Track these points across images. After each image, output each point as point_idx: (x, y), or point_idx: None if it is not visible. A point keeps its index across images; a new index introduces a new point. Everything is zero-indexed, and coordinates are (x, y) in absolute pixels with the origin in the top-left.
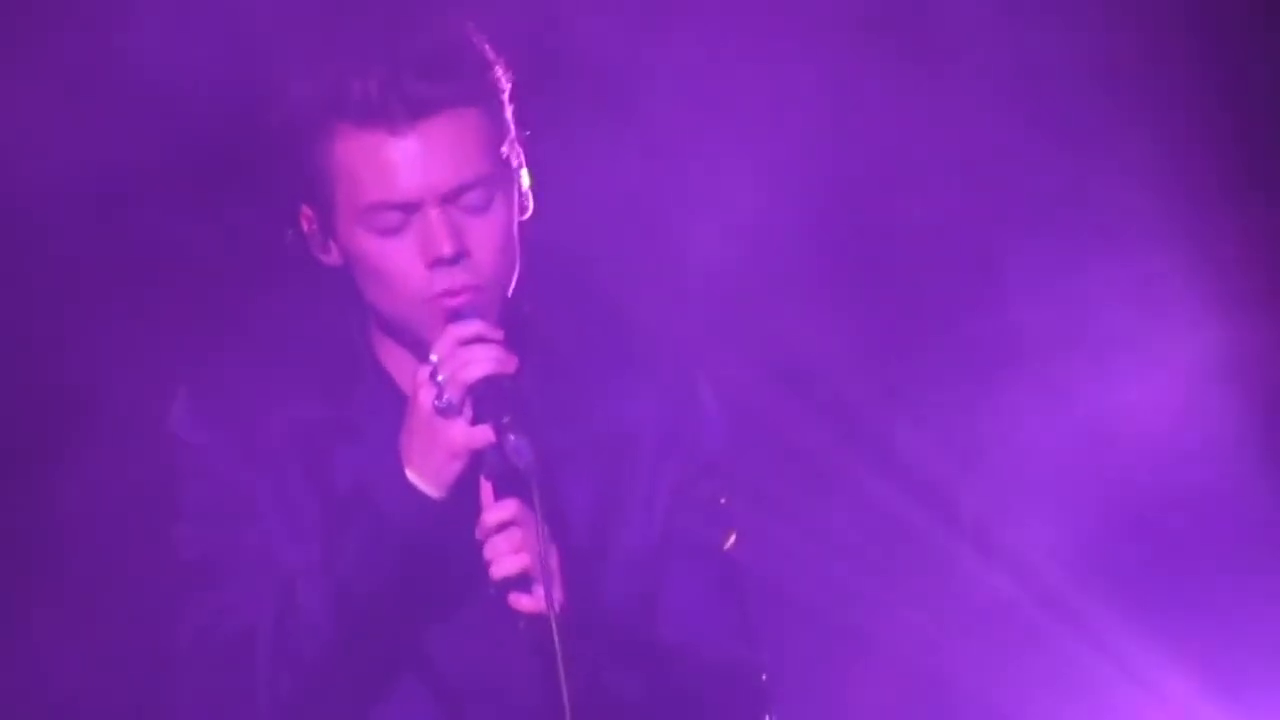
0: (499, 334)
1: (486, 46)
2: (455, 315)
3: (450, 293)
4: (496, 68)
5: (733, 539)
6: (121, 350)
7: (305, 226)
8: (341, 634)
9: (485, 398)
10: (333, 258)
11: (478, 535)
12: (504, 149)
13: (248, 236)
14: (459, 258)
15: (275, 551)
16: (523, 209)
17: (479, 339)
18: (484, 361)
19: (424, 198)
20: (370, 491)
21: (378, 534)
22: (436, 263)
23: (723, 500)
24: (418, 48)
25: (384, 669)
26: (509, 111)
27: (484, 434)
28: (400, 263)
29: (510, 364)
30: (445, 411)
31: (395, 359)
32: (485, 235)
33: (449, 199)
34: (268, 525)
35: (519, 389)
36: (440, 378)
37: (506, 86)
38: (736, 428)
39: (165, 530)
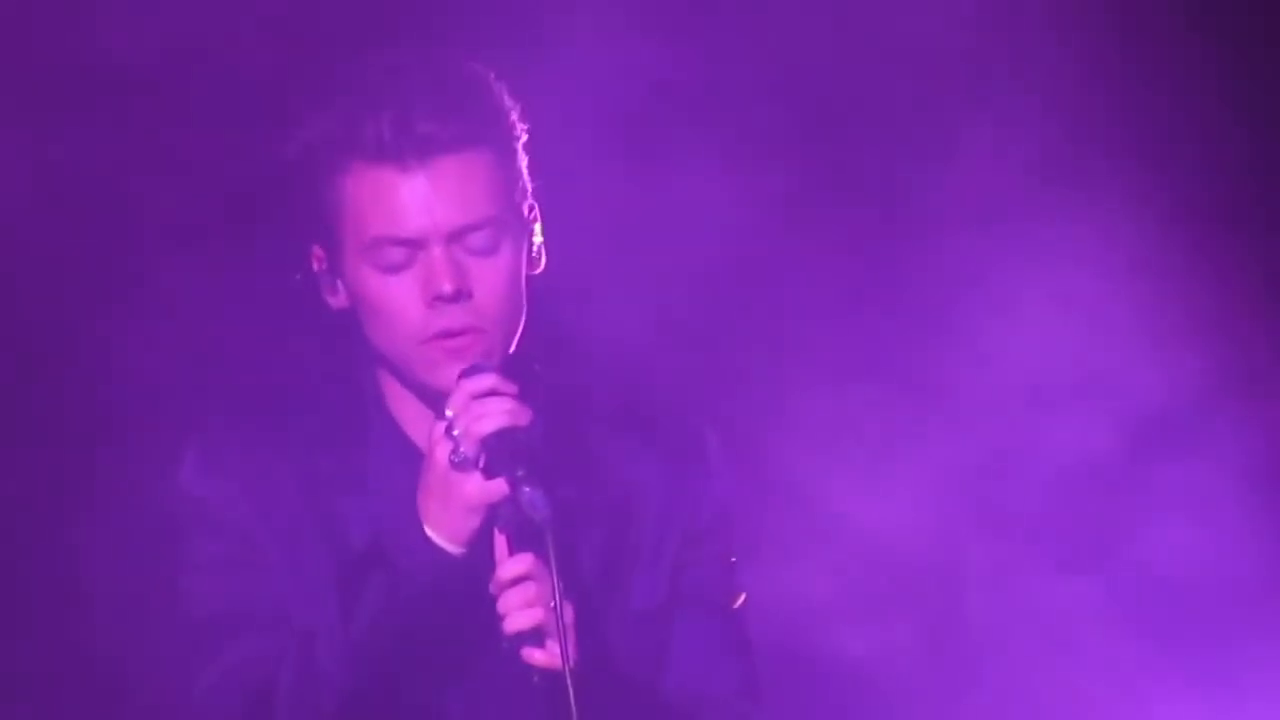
0: (513, 388)
1: (503, 92)
2: (469, 370)
3: (449, 333)
4: (511, 114)
5: (741, 599)
6: (132, 402)
7: (315, 266)
8: (359, 688)
9: (499, 451)
10: (340, 300)
11: (491, 590)
12: (515, 195)
13: (258, 286)
14: (459, 297)
15: (290, 604)
16: (532, 263)
17: (493, 392)
18: (498, 415)
19: (429, 235)
20: (387, 547)
21: (395, 590)
22: (436, 300)
23: (732, 559)
24: (431, 88)
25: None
26: (522, 159)
27: (499, 488)
28: (401, 299)
29: (524, 417)
30: (461, 466)
31: (403, 406)
32: (489, 277)
33: (454, 238)
34: (281, 577)
35: (533, 442)
36: (456, 432)
37: (521, 134)
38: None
39: (175, 585)
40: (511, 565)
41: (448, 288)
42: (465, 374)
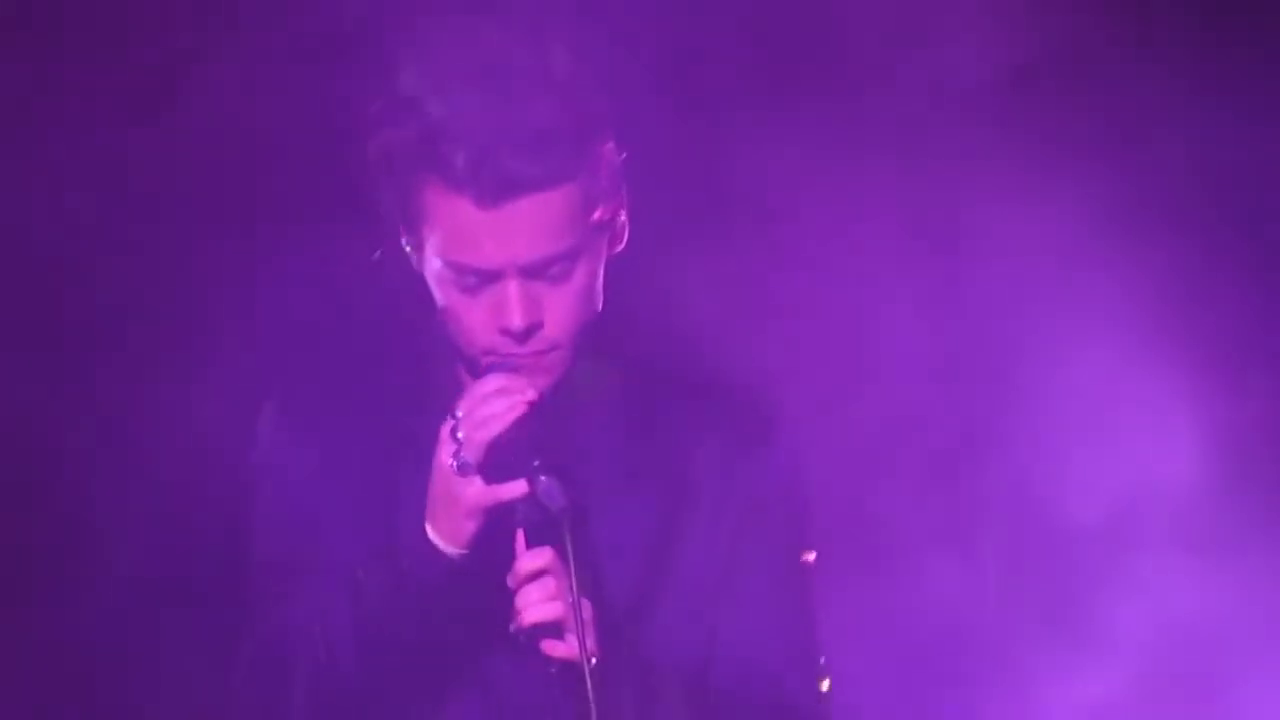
0: (521, 383)
1: (602, 118)
2: (485, 369)
3: (516, 356)
4: (607, 143)
5: (811, 556)
6: (213, 366)
7: (401, 240)
8: (368, 673)
9: (510, 449)
10: (420, 265)
11: (510, 584)
12: (599, 213)
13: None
14: (531, 330)
15: (336, 572)
16: (614, 245)
17: (500, 392)
18: (501, 417)
19: (505, 270)
20: (395, 544)
21: (395, 587)
22: (505, 331)
23: (797, 529)
24: (519, 120)
25: (412, 711)
26: (610, 175)
27: (495, 493)
28: (473, 320)
29: (527, 401)
30: (462, 469)
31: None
32: (562, 303)
33: (530, 273)
34: (339, 539)
35: (548, 430)
36: (460, 434)
37: (613, 160)
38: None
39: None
40: (529, 559)
41: (518, 323)
42: (484, 370)
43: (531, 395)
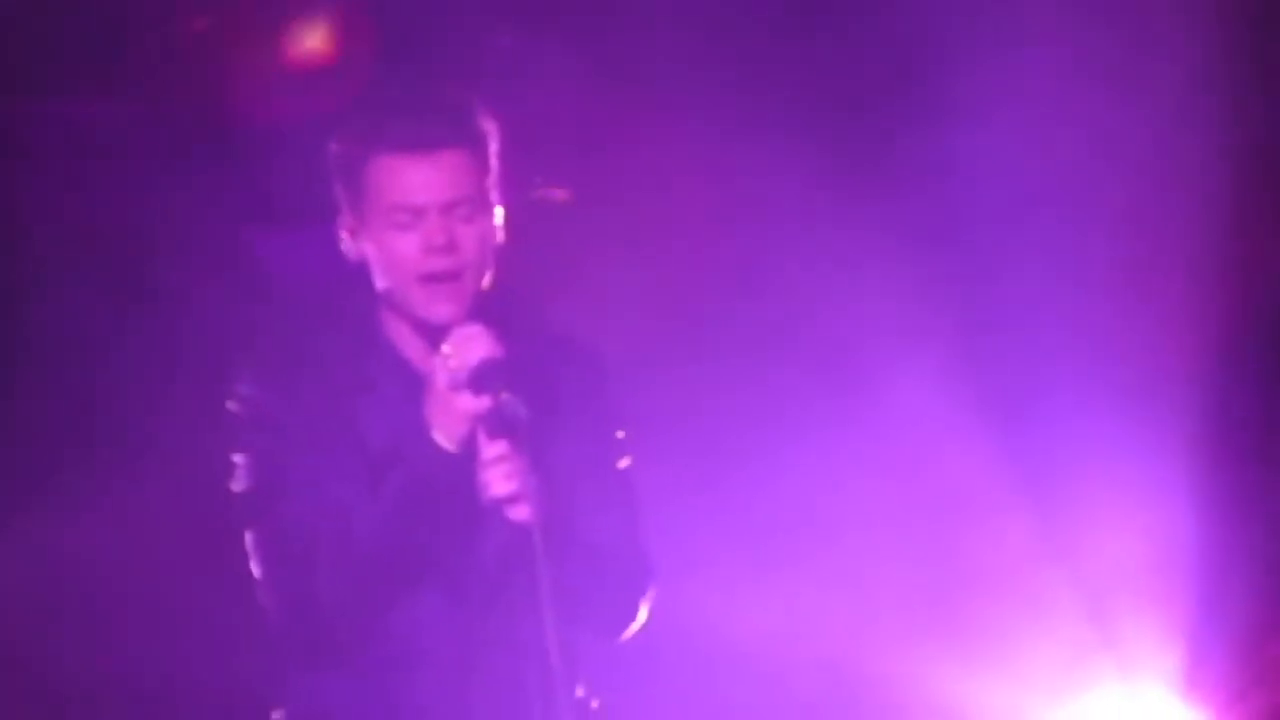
0: (491, 331)
1: (483, 110)
2: (454, 313)
3: (438, 276)
4: (489, 126)
5: (627, 462)
6: (197, 333)
7: (341, 231)
8: (385, 548)
9: (484, 374)
10: (359, 254)
11: (478, 468)
12: (487, 183)
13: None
14: (448, 248)
15: (319, 480)
16: (496, 233)
17: (478, 336)
18: (481, 350)
19: (429, 206)
20: (403, 447)
21: (412, 479)
22: (431, 249)
23: (620, 435)
24: (435, 103)
25: (413, 569)
26: (493, 158)
27: (483, 402)
28: (408, 250)
29: (499, 350)
30: (456, 387)
31: (399, 332)
32: (468, 239)
33: (446, 209)
34: (313, 460)
35: (509, 366)
36: (452, 363)
37: (494, 140)
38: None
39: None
40: (493, 449)
41: (441, 240)
42: (460, 324)
43: (492, 338)
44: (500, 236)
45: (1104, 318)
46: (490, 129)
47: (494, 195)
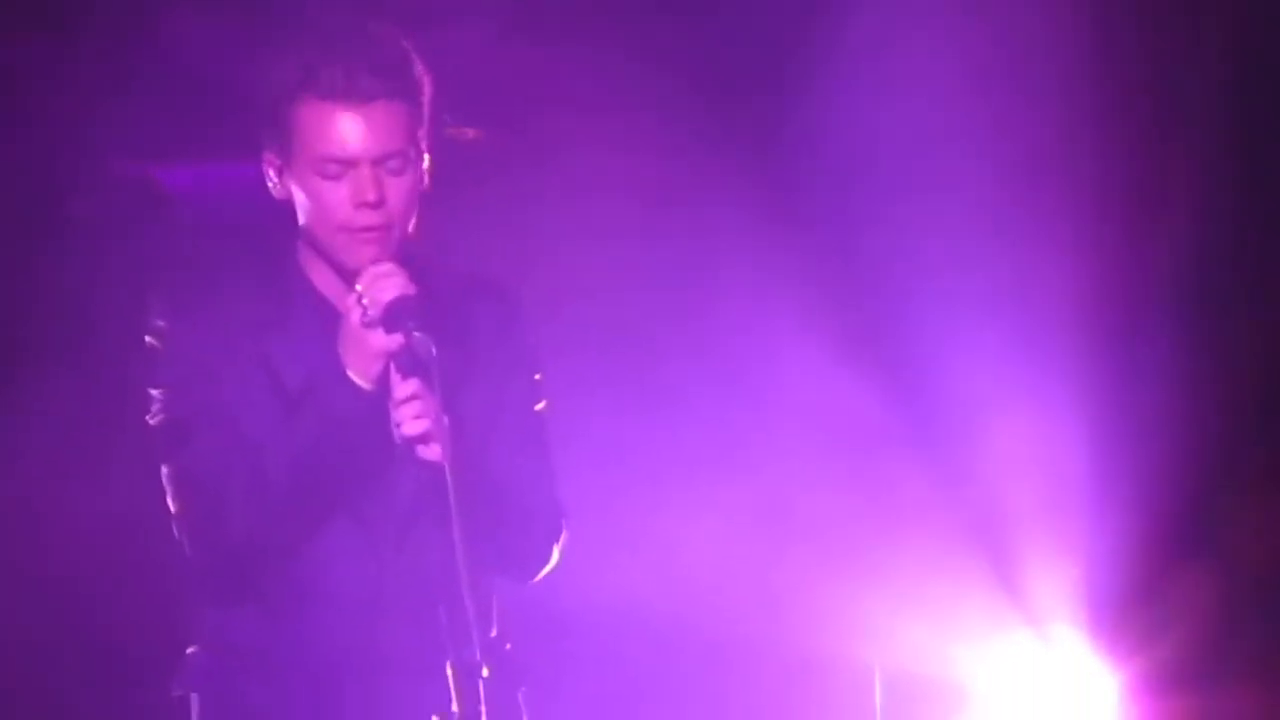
0: (404, 272)
1: (418, 60)
2: (376, 260)
3: (368, 228)
4: (425, 77)
5: (542, 405)
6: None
7: (266, 168)
8: (297, 484)
9: (397, 312)
10: (281, 193)
11: (390, 408)
12: (418, 134)
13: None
14: (378, 204)
15: (235, 414)
16: (423, 181)
17: (391, 274)
18: (394, 288)
19: (360, 158)
20: (317, 385)
21: (325, 416)
22: (362, 205)
23: (536, 377)
24: (372, 51)
25: (325, 506)
26: (426, 109)
27: (395, 340)
28: (336, 200)
29: (412, 289)
30: (369, 325)
31: (318, 272)
32: (397, 191)
33: (377, 162)
34: (228, 394)
35: (420, 304)
36: (365, 300)
37: (428, 90)
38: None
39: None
40: (405, 387)
41: (371, 196)
42: (371, 261)
43: (405, 277)
44: (426, 183)
45: (995, 261)
46: (425, 79)
47: (424, 144)
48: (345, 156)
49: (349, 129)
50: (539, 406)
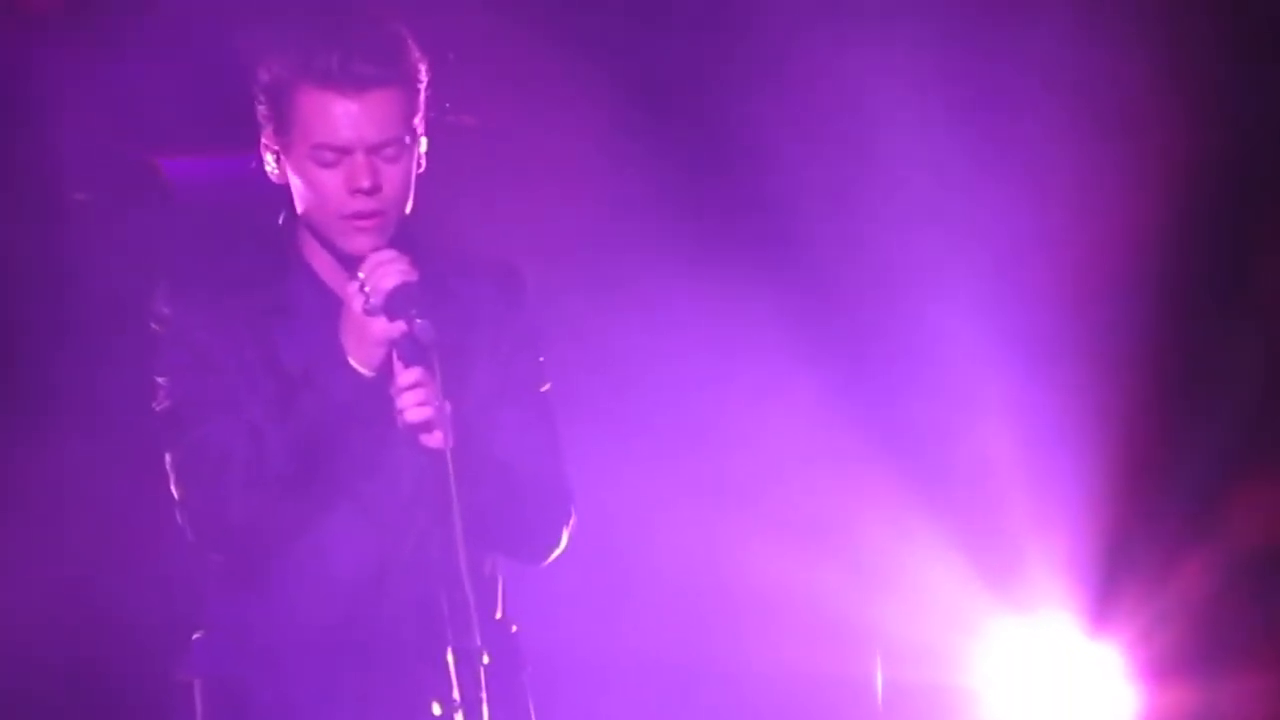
0: (405, 258)
1: (415, 47)
2: (374, 246)
3: (361, 215)
4: (421, 64)
5: (547, 386)
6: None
7: (264, 152)
8: (297, 469)
9: (398, 299)
10: (280, 177)
11: (392, 394)
12: (414, 121)
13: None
14: (374, 191)
15: (238, 401)
16: (419, 165)
17: (392, 261)
18: (396, 274)
19: (355, 146)
20: (317, 371)
21: (326, 403)
22: (356, 192)
23: (541, 359)
24: (368, 39)
25: (327, 493)
26: (423, 95)
27: (397, 327)
28: (332, 187)
29: (414, 275)
30: (371, 312)
31: (317, 256)
32: (393, 178)
33: (372, 150)
34: (232, 379)
35: (422, 290)
36: (366, 288)
37: (425, 78)
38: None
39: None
40: (407, 375)
41: (366, 184)
42: (372, 249)
43: (407, 263)
44: (422, 166)
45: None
46: (422, 66)
47: (420, 130)
48: (340, 144)
49: (344, 117)
50: (544, 388)
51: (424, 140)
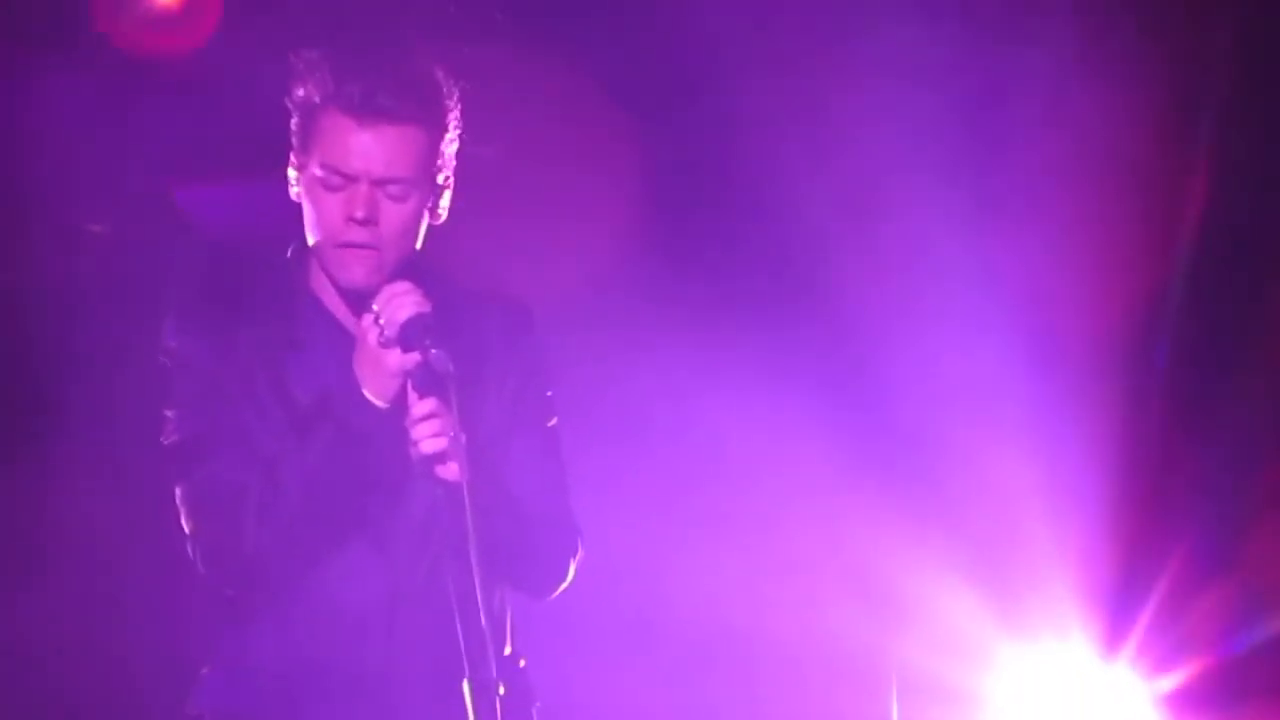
0: (419, 290)
1: (453, 92)
2: (367, 282)
3: (353, 245)
4: (451, 110)
5: (554, 420)
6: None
7: (289, 169)
8: (311, 502)
9: (413, 330)
10: (299, 196)
11: (407, 426)
12: (433, 167)
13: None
14: (367, 222)
15: (248, 434)
16: (435, 214)
17: (407, 293)
18: (410, 306)
19: (362, 175)
20: (333, 403)
21: (341, 434)
22: (350, 220)
23: (549, 393)
24: (400, 75)
25: (340, 525)
26: (450, 143)
27: (412, 358)
28: (330, 210)
29: (427, 306)
30: (386, 344)
31: (325, 289)
32: (392, 217)
33: (378, 183)
34: (243, 412)
35: (436, 321)
36: (381, 320)
37: (452, 123)
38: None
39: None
40: (422, 406)
41: (360, 214)
42: (362, 281)
43: (421, 295)
44: (441, 217)
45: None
46: (452, 115)
47: (442, 178)
48: (348, 170)
49: (357, 144)
50: (551, 423)
51: (447, 193)
